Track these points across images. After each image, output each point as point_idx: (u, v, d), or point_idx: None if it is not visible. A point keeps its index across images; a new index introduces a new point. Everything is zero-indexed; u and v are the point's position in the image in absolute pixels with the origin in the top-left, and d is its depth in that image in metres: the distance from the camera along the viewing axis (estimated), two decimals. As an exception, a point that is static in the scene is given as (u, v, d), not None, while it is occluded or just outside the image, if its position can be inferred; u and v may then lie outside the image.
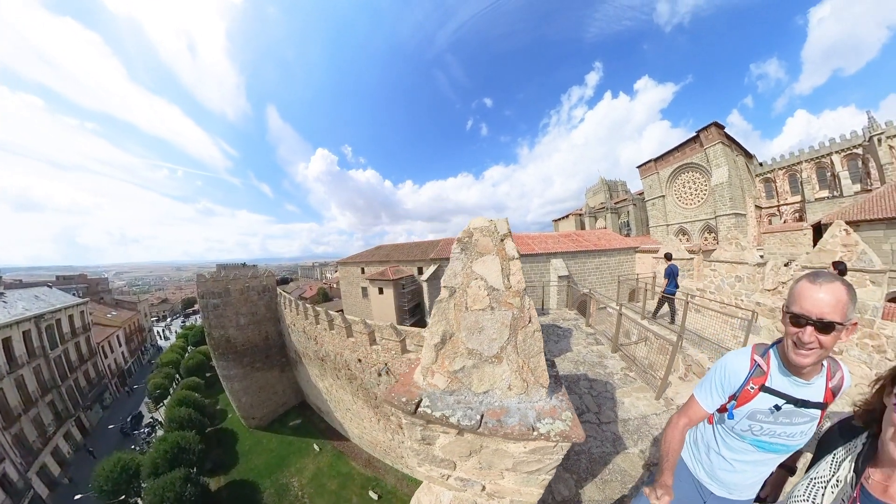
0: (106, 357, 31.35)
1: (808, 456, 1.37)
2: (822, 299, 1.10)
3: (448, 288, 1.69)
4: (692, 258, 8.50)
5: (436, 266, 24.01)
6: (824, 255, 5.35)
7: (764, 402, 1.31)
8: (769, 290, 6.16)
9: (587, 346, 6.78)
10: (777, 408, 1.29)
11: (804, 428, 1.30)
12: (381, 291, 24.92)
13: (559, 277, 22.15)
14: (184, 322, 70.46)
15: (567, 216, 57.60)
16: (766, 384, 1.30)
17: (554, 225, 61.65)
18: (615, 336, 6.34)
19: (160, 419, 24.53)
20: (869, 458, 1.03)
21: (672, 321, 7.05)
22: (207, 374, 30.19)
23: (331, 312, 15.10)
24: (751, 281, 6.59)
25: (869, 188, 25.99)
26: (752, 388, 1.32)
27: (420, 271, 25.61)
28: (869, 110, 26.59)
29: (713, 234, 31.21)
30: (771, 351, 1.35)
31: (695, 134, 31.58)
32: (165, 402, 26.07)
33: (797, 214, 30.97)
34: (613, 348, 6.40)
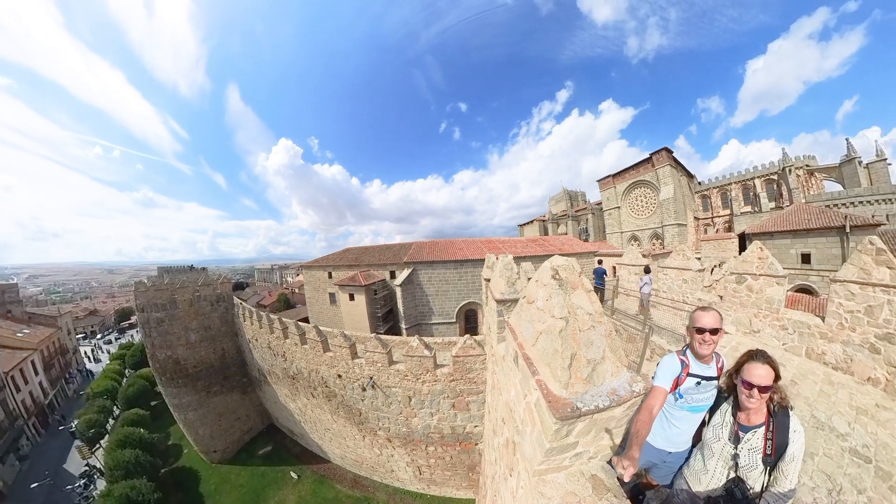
0: (18, 391, 25.12)
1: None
2: (711, 318, 2.13)
3: (562, 318, 2.29)
4: (648, 264, 9.85)
5: (410, 270, 23.94)
6: (745, 265, 6.96)
7: (691, 381, 2.21)
8: (707, 287, 7.74)
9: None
10: (699, 383, 2.20)
11: (712, 392, 2.23)
12: (351, 298, 24.18)
13: (528, 280, 23.25)
14: (118, 339, 61.37)
15: (531, 222, 60.63)
16: (691, 371, 2.21)
17: (519, 230, 64.53)
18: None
19: (99, 466, 20.05)
20: (736, 407, 2.01)
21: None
22: (153, 403, 26.00)
23: (301, 325, 13.96)
24: (693, 282, 8.24)
25: (781, 206, 31.67)
26: (683, 375, 2.20)
27: (393, 275, 25.34)
28: (784, 147, 33.84)
29: (660, 241, 34.96)
30: (687, 352, 2.28)
31: (648, 155, 35.77)
32: (103, 443, 21.88)
33: (727, 225, 35.98)
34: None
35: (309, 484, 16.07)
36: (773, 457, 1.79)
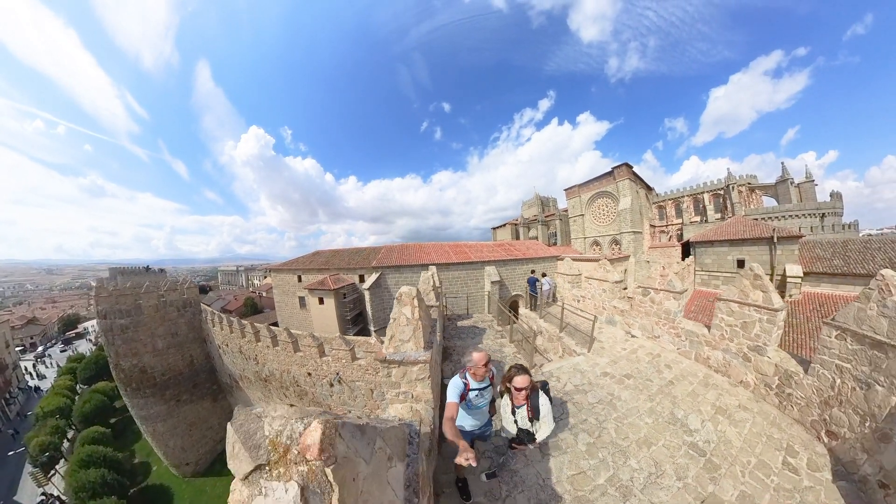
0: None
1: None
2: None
3: (393, 317, 4.26)
4: (580, 274, 11.01)
5: (378, 274, 24.21)
6: (650, 280, 8.12)
7: (473, 392, 3.22)
8: (623, 296, 8.91)
9: (493, 339, 9.06)
10: (477, 394, 3.24)
11: (489, 395, 3.38)
12: (321, 301, 24.17)
13: (492, 283, 24.33)
14: (63, 350, 56.09)
15: (504, 225, 62.49)
16: (471, 388, 3.20)
17: (492, 232, 66.19)
18: (510, 334, 8.78)
19: (58, 493, 18.44)
20: (510, 395, 3.27)
21: (533, 308, 10.38)
22: (113, 420, 24.38)
23: (273, 328, 14.50)
24: (611, 292, 9.46)
25: (725, 218, 34.83)
26: (466, 391, 3.17)
27: (362, 279, 25.50)
28: (728, 167, 40.25)
29: (618, 246, 37.54)
30: (467, 375, 3.22)
31: (611, 169, 38.35)
32: (60, 467, 20.28)
33: (679, 233, 39.08)
34: (510, 340, 8.64)
35: (289, 485, 16.02)
36: (534, 417, 3.16)
